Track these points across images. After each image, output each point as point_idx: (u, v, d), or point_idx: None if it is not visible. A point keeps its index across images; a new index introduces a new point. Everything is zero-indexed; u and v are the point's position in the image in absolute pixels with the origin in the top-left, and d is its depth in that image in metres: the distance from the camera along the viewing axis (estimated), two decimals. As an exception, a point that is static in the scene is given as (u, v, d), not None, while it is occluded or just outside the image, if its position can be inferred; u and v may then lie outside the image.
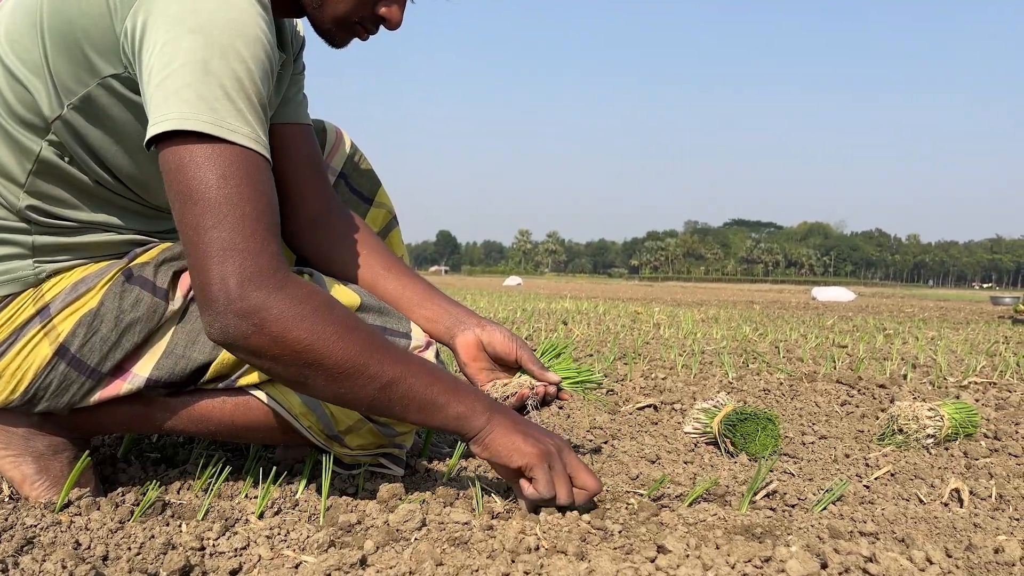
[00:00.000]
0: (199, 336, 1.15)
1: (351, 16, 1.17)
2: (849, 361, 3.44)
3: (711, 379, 2.77)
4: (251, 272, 0.95)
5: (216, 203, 0.95)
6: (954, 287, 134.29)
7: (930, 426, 1.77)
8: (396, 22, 1.20)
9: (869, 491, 1.38)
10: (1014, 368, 3.21)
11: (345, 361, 1.00)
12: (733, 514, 1.16)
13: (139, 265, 1.16)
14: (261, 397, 1.19)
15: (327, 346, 0.99)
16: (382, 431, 1.23)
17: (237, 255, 0.95)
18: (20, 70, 1.05)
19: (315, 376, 1.01)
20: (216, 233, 0.95)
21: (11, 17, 1.08)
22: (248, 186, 0.97)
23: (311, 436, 1.22)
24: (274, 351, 0.97)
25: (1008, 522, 1.17)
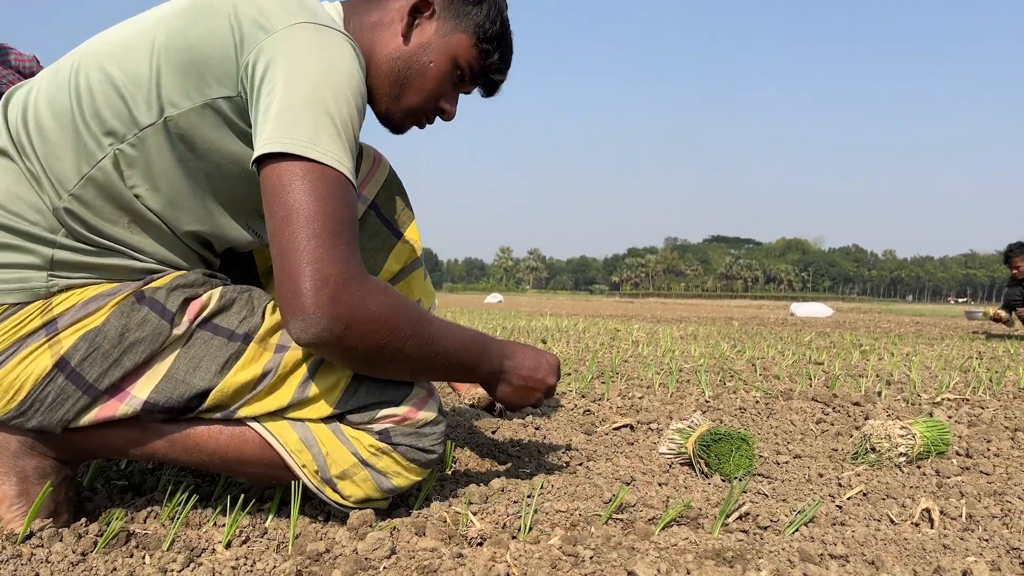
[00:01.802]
0: (201, 362, 1.15)
1: (421, 108, 1.37)
2: (825, 378, 3.46)
3: (688, 398, 2.77)
4: (343, 279, 1.06)
5: (315, 219, 1.06)
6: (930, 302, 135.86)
7: (902, 444, 1.78)
8: (452, 115, 1.43)
9: (841, 512, 1.38)
10: (986, 384, 3.25)
11: (419, 356, 1.16)
12: (705, 537, 1.16)
13: (152, 288, 1.16)
14: (258, 430, 1.18)
15: (403, 342, 1.13)
16: (378, 480, 1.21)
17: (332, 264, 1.06)
18: (120, 78, 1.12)
19: (392, 367, 1.16)
20: (312, 245, 1.05)
21: (117, 33, 1.18)
22: (343, 207, 1.10)
23: (304, 476, 1.20)
24: (361, 347, 1.09)
25: (977, 543, 1.18)
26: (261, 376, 1.16)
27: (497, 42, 1.39)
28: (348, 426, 1.20)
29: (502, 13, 1.39)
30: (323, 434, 1.19)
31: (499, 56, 1.40)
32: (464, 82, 1.40)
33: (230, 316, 1.18)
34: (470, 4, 1.35)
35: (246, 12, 1.11)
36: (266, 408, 1.17)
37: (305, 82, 1.07)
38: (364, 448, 1.19)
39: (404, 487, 1.24)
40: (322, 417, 1.19)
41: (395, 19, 1.32)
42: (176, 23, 1.12)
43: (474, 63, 1.38)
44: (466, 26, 1.35)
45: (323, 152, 1.07)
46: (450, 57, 1.35)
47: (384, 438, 1.20)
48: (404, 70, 1.33)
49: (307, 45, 1.10)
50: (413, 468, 1.23)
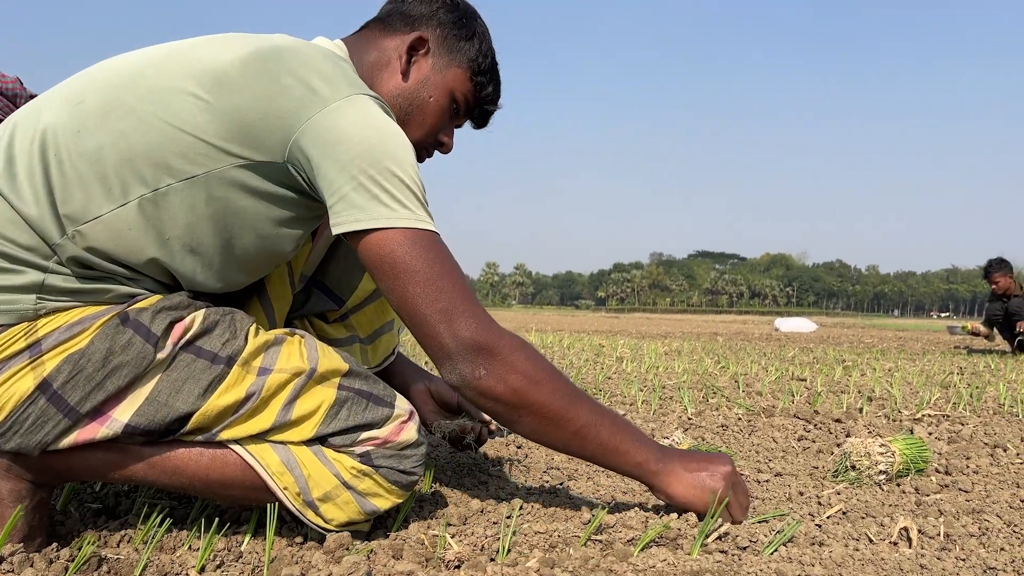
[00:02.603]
0: (183, 385, 1.14)
1: (422, 142, 1.43)
2: (808, 394, 3.47)
3: (670, 415, 2.78)
4: (476, 328, 1.16)
5: (431, 279, 1.15)
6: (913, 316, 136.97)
7: (882, 462, 1.79)
8: (450, 148, 1.49)
9: (820, 531, 1.38)
10: (967, 400, 3.27)
11: (551, 406, 1.22)
12: (683, 559, 1.16)
13: (136, 310, 1.15)
14: (240, 452, 1.18)
15: (539, 391, 1.20)
16: (360, 502, 1.21)
17: (462, 316, 1.16)
18: (160, 128, 1.12)
19: (526, 416, 1.21)
20: (440, 303, 1.16)
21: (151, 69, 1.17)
22: (449, 261, 1.19)
23: (286, 499, 1.19)
24: (498, 390, 1.18)
25: (954, 563, 1.18)
26: (244, 399, 1.15)
27: (490, 75, 1.46)
28: (330, 449, 1.20)
29: (491, 46, 1.47)
30: (305, 456, 1.18)
31: (493, 88, 1.48)
32: (459, 115, 1.47)
33: (213, 339, 1.18)
34: (463, 39, 1.42)
35: (289, 84, 1.14)
36: (248, 431, 1.17)
37: (371, 154, 1.12)
38: (346, 470, 1.19)
39: (386, 509, 1.24)
40: (304, 440, 1.19)
41: (392, 58, 1.38)
42: (218, 82, 1.13)
43: (470, 96, 1.45)
44: (460, 61, 1.42)
45: (417, 219, 1.15)
46: (448, 91, 1.41)
47: (366, 460, 1.20)
48: (406, 107, 1.39)
49: (359, 119, 1.14)
50: (395, 490, 1.23)
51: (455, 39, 1.41)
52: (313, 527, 1.22)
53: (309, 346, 1.23)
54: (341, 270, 1.61)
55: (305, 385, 1.18)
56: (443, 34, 1.40)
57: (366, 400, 1.21)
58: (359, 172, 1.12)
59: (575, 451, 1.27)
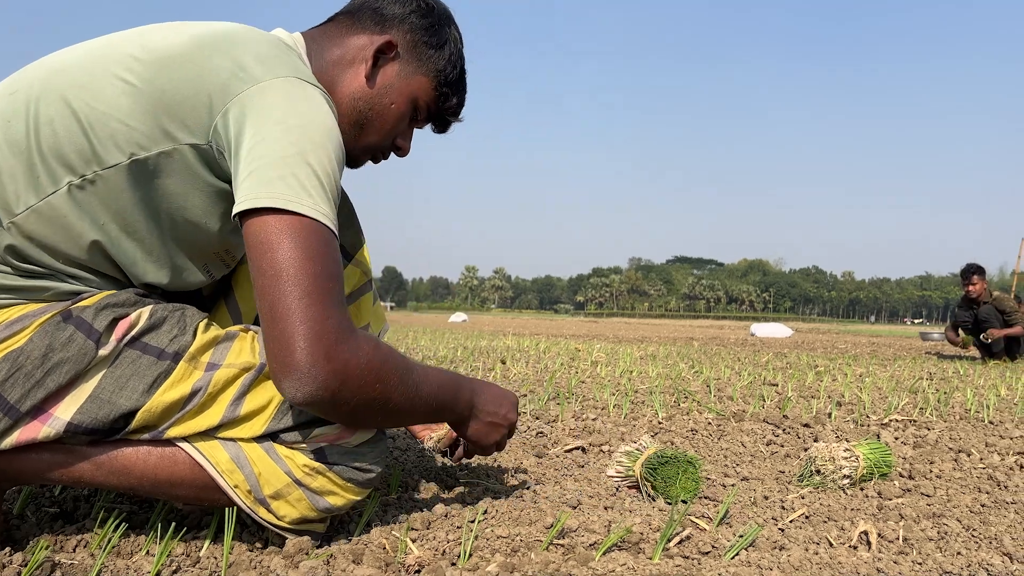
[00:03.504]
0: (128, 382, 1.12)
1: (378, 146, 1.40)
2: (778, 399, 3.50)
3: (641, 419, 2.78)
4: (335, 336, 1.07)
5: (305, 277, 1.07)
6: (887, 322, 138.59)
7: (846, 467, 1.81)
8: (407, 151, 1.46)
9: (783, 535, 1.39)
10: (934, 405, 3.31)
11: (403, 404, 1.18)
12: (643, 564, 1.16)
13: (79, 308, 1.13)
14: (188, 450, 1.16)
15: (393, 394, 1.16)
16: (313, 500, 1.19)
17: (323, 322, 1.06)
18: (85, 114, 1.10)
19: (379, 416, 1.17)
20: (304, 303, 1.06)
21: (81, 60, 1.16)
22: (331, 263, 1.11)
23: (236, 497, 1.18)
24: (353, 401, 1.10)
25: (911, 566, 1.19)
26: (191, 395, 1.14)
27: (456, 86, 1.44)
28: (282, 445, 1.18)
29: (461, 57, 1.45)
30: (255, 454, 1.17)
31: (457, 100, 1.45)
32: (419, 120, 1.44)
33: (160, 335, 1.16)
34: (432, 48, 1.39)
35: (221, 64, 1.12)
36: (196, 428, 1.15)
37: (286, 136, 1.08)
38: (298, 468, 1.18)
39: (341, 506, 1.23)
40: (254, 436, 1.17)
41: (356, 58, 1.34)
42: (149, 66, 1.12)
43: (431, 105, 1.42)
44: (427, 70, 1.39)
45: (309, 207, 1.08)
46: (410, 99, 1.39)
47: (319, 457, 1.19)
48: (366, 111, 1.35)
49: (286, 99, 1.11)
50: (350, 487, 1.22)
51: (424, 46, 1.38)
52: (266, 525, 1.20)
53: (261, 341, 1.21)
54: None
55: (255, 380, 1.16)
56: (413, 40, 1.37)
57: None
58: (270, 151, 1.08)
59: (414, 423, 1.31)
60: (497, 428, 1.42)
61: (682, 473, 1.69)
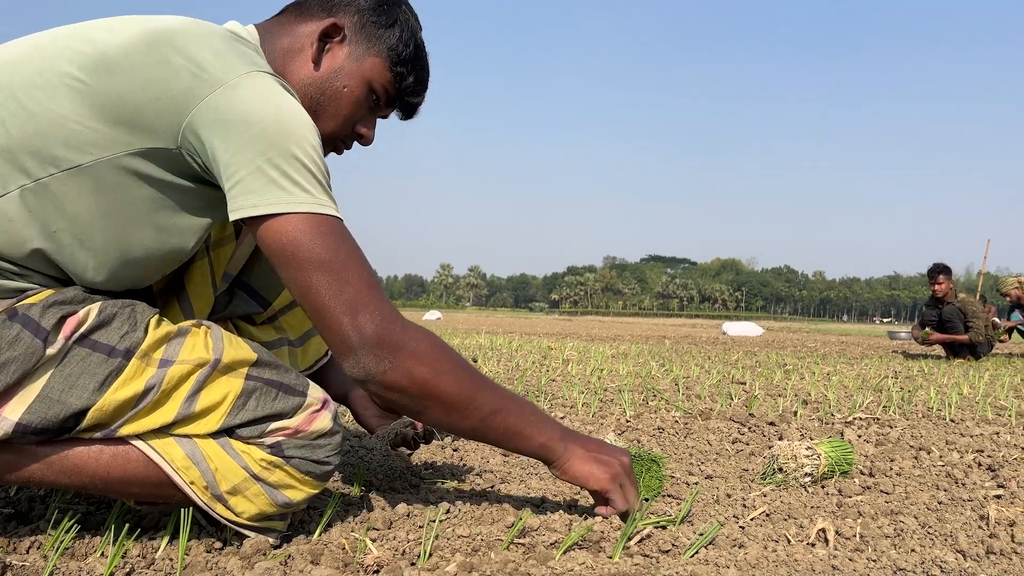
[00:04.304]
0: (78, 380, 1.10)
1: (337, 134, 1.37)
2: (746, 398, 3.53)
3: (609, 417, 2.79)
4: (380, 321, 1.13)
5: (335, 268, 1.11)
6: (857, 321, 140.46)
7: (808, 465, 1.83)
8: (370, 140, 1.42)
9: (743, 533, 1.40)
10: (897, 403, 3.36)
11: (458, 395, 1.20)
12: (603, 563, 1.16)
13: (25, 305, 1.10)
14: (142, 448, 1.14)
15: (445, 381, 1.19)
16: (271, 494, 1.18)
17: (366, 308, 1.13)
18: (41, 115, 1.08)
19: (433, 407, 1.20)
20: (344, 294, 1.12)
21: (31, 56, 1.12)
22: (354, 249, 1.15)
23: (193, 494, 1.16)
24: (404, 384, 1.16)
25: (865, 564, 1.21)
26: (144, 392, 1.12)
27: (412, 64, 1.39)
28: (238, 440, 1.17)
29: (415, 35, 1.40)
30: (211, 449, 1.16)
31: (414, 79, 1.40)
32: (380, 106, 1.40)
33: (110, 331, 1.14)
34: (382, 27, 1.35)
35: (179, 64, 1.10)
36: (150, 425, 1.13)
37: (265, 135, 1.07)
38: (255, 462, 1.17)
39: (300, 501, 1.22)
40: (210, 432, 1.16)
41: (305, 45, 1.32)
42: (102, 65, 1.09)
43: (389, 87, 1.38)
44: (379, 50, 1.35)
45: (318, 203, 1.11)
46: (364, 81, 1.35)
47: (276, 451, 1.18)
48: (317, 96, 1.32)
49: (253, 97, 1.09)
50: (308, 481, 1.21)
51: (374, 26, 1.34)
52: (224, 522, 1.19)
53: (215, 336, 1.20)
54: (267, 270, 1.57)
55: (210, 376, 1.15)
56: (361, 21, 1.34)
57: (276, 389, 1.18)
58: (255, 154, 1.07)
59: (482, 437, 1.28)
60: (606, 465, 1.35)
61: (646, 471, 1.69)
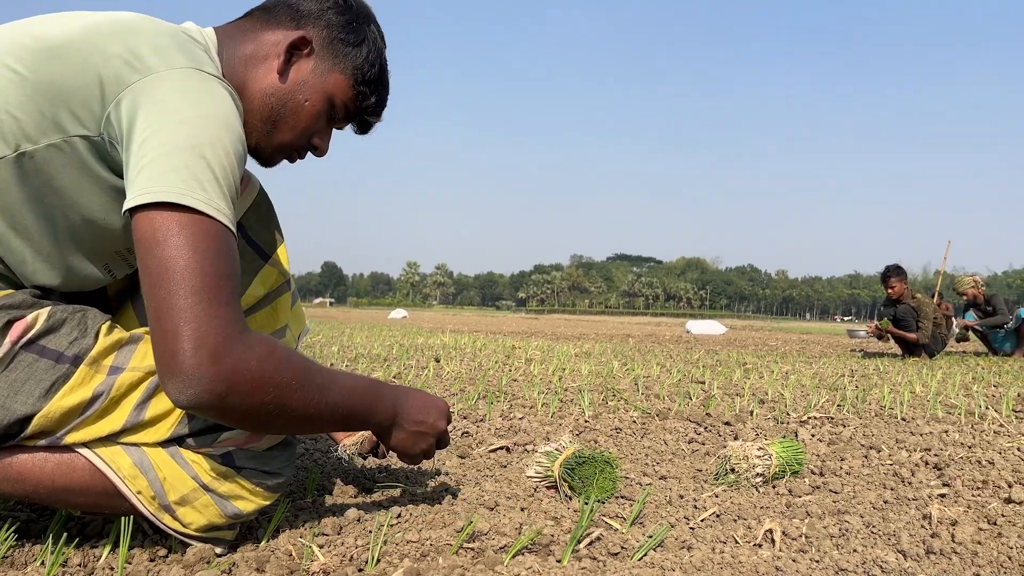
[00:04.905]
0: (23, 386, 1.07)
1: (293, 145, 1.35)
2: (704, 397, 3.56)
3: (568, 418, 2.80)
4: (222, 338, 1.02)
5: (193, 275, 1.02)
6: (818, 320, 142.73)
7: (759, 465, 1.85)
8: (324, 151, 1.41)
9: (692, 534, 1.41)
10: (851, 402, 3.42)
11: (303, 409, 1.13)
12: (550, 566, 1.17)
13: None
14: (88, 456, 1.12)
15: (289, 397, 1.10)
16: (221, 505, 1.17)
17: (209, 322, 1.02)
18: None
19: (278, 423, 1.12)
20: (191, 302, 1.02)
21: None
22: (223, 260, 1.06)
23: (140, 504, 1.14)
24: (244, 407, 1.05)
25: (808, 564, 1.23)
26: (91, 399, 1.10)
27: (375, 85, 1.39)
28: (188, 450, 1.16)
29: (381, 55, 1.41)
30: (160, 459, 1.14)
31: (376, 99, 1.41)
32: (337, 120, 1.40)
33: (59, 337, 1.12)
34: (350, 45, 1.35)
35: (114, 52, 1.07)
36: (97, 433, 1.12)
37: (180, 129, 1.04)
38: (205, 472, 1.16)
39: (250, 512, 1.21)
40: (160, 441, 1.14)
41: (270, 54, 1.30)
42: (38, 54, 1.07)
43: (350, 104, 1.38)
44: (344, 67, 1.35)
45: (202, 201, 1.04)
46: (326, 97, 1.34)
47: (227, 461, 1.17)
48: (278, 107, 1.31)
49: (181, 90, 1.07)
50: (259, 492, 1.20)
51: (341, 43, 1.34)
52: (171, 532, 1.17)
53: None
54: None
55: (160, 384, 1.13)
56: (329, 36, 1.33)
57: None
58: (163, 143, 1.04)
59: (321, 431, 1.27)
60: (423, 437, 1.39)
61: (599, 473, 1.70)
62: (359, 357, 5.51)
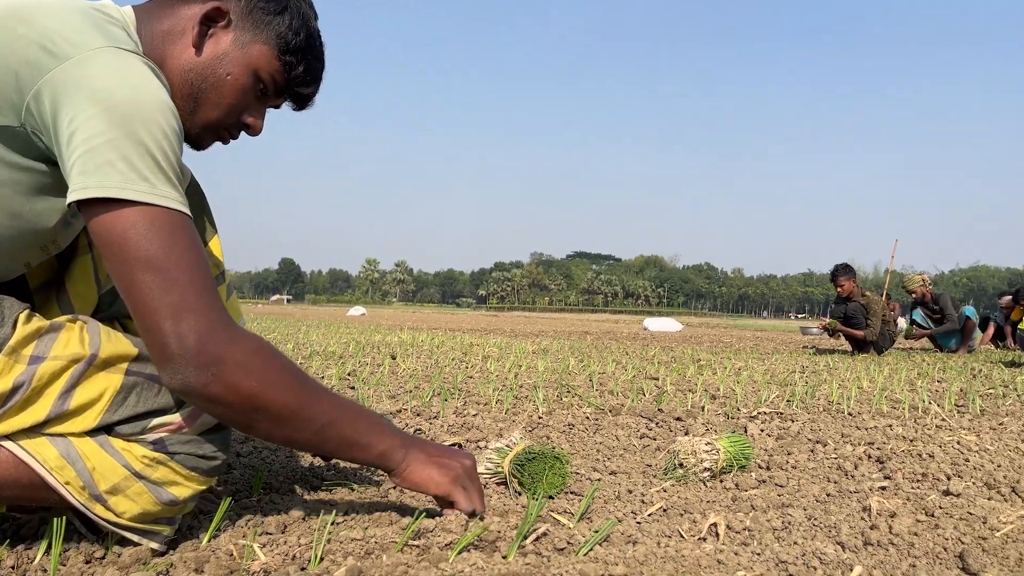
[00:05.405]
0: None
1: (221, 123, 1.30)
2: (657, 393, 3.60)
3: (522, 414, 2.81)
4: (205, 328, 1.06)
5: (165, 268, 1.04)
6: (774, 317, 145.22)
7: (707, 460, 1.87)
8: (258, 130, 1.35)
9: (638, 529, 1.42)
10: (800, 398, 3.48)
11: (287, 407, 1.15)
12: (494, 563, 1.16)
13: None
14: (12, 449, 1.09)
15: (273, 394, 1.13)
16: (155, 492, 1.14)
17: (191, 314, 1.06)
18: None
19: (261, 420, 1.14)
20: (170, 296, 1.04)
21: None
22: (190, 249, 1.07)
23: (69, 495, 1.11)
24: (228, 398, 1.09)
25: (749, 557, 1.24)
26: (12, 390, 1.07)
27: (302, 54, 1.33)
28: (118, 438, 1.13)
29: (308, 23, 1.34)
30: (88, 448, 1.11)
31: (304, 69, 1.34)
32: (269, 96, 1.34)
33: None
34: (270, 13, 1.29)
35: (27, 35, 1.03)
36: (20, 424, 1.08)
37: (110, 115, 1.01)
38: (137, 459, 1.13)
39: (187, 498, 1.19)
40: (87, 430, 1.12)
41: (187, 28, 1.25)
42: None
43: (277, 76, 1.32)
44: (267, 37, 1.29)
45: (158, 194, 1.04)
46: (250, 69, 1.28)
47: (159, 448, 1.15)
48: (198, 83, 1.26)
49: (105, 72, 1.03)
50: (195, 477, 1.18)
51: (262, 12, 1.28)
52: (103, 524, 1.14)
53: (92, 331, 1.15)
54: None
55: (85, 372, 1.11)
56: (248, 6, 1.28)
57: (159, 385, 1.15)
58: (95, 133, 1.00)
59: (317, 449, 1.24)
60: (447, 468, 1.33)
61: (549, 469, 1.71)
62: (313, 355, 5.46)
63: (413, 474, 1.30)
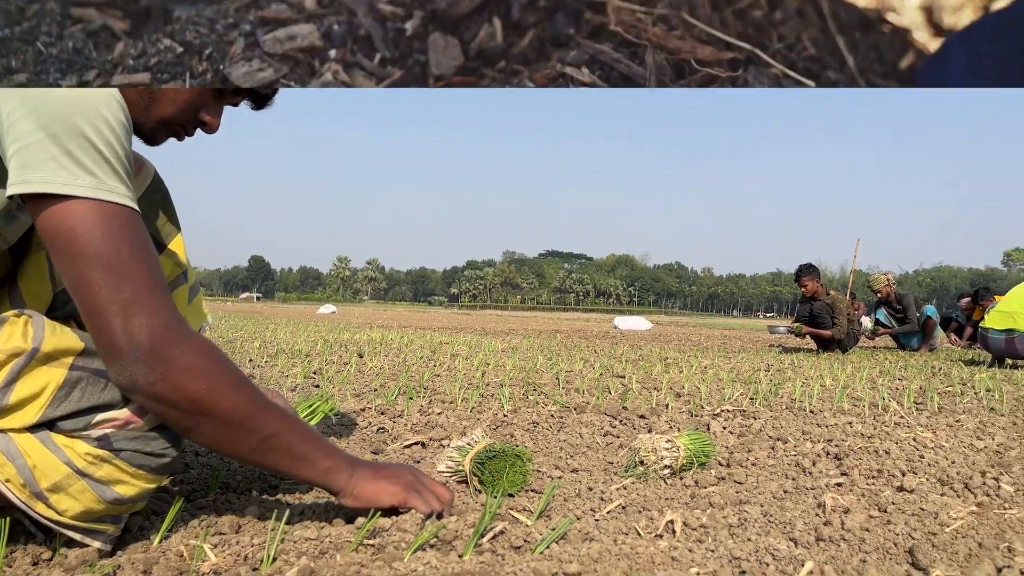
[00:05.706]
0: None
1: (176, 119, 1.28)
2: (623, 391, 3.61)
3: (487, 413, 2.80)
4: (158, 327, 1.07)
5: (115, 265, 1.04)
6: (742, 316, 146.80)
7: (667, 457, 1.88)
8: (215, 128, 1.33)
9: (596, 526, 1.43)
10: (764, 395, 3.52)
11: (233, 413, 1.14)
12: (449, 562, 1.16)
13: None
14: None
15: (220, 398, 1.13)
16: (98, 490, 1.12)
17: (142, 312, 1.06)
18: None
19: (205, 424, 1.13)
20: (120, 294, 1.04)
21: None
22: (139, 245, 1.07)
23: (9, 493, 1.09)
24: (173, 398, 1.09)
25: (704, 554, 1.25)
26: None
27: None
28: (60, 434, 1.11)
29: None
30: (29, 445, 1.09)
31: None
32: (225, 93, 1.32)
33: None
34: None
35: None
36: None
37: (52, 108, 1.00)
38: (79, 457, 1.11)
39: (134, 496, 1.17)
40: (27, 426, 1.09)
41: None
42: None
43: None
44: None
45: (105, 189, 1.03)
46: None
47: (104, 444, 1.13)
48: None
49: None
50: (142, 475, 1.16)
51: None
52: (45, 522, 1.12)
53: (36, 325, 1.13)
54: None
55: (27, 366, 1.09)
56: None
57: (104, 379, 1.13)
58: (38, 126, 0.99)
59: (259, 459, 1.22)
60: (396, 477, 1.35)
61: (510, 467, 1.71)
62: (280, 352, 5.40)
63: (364, 491, 1.30)
